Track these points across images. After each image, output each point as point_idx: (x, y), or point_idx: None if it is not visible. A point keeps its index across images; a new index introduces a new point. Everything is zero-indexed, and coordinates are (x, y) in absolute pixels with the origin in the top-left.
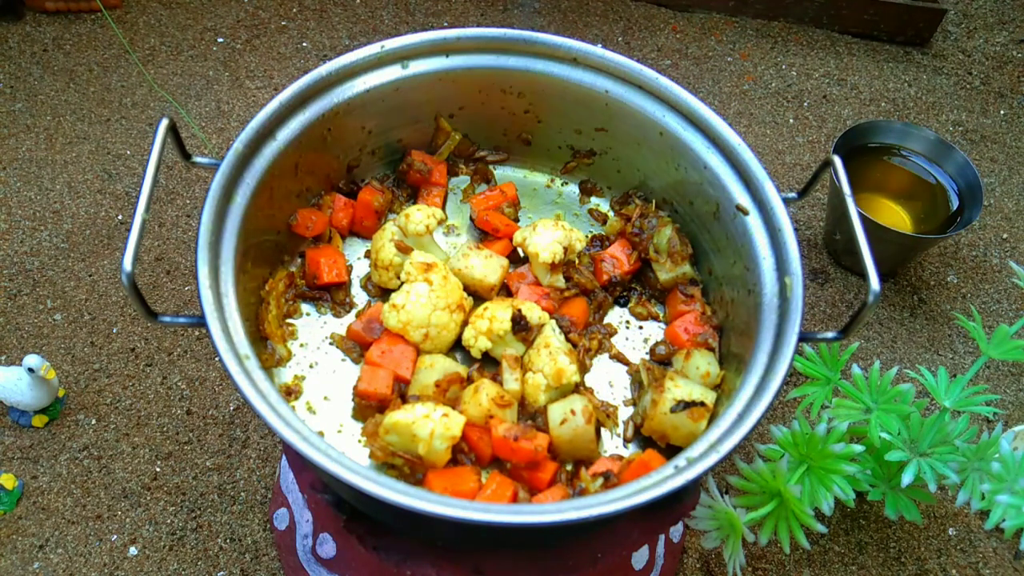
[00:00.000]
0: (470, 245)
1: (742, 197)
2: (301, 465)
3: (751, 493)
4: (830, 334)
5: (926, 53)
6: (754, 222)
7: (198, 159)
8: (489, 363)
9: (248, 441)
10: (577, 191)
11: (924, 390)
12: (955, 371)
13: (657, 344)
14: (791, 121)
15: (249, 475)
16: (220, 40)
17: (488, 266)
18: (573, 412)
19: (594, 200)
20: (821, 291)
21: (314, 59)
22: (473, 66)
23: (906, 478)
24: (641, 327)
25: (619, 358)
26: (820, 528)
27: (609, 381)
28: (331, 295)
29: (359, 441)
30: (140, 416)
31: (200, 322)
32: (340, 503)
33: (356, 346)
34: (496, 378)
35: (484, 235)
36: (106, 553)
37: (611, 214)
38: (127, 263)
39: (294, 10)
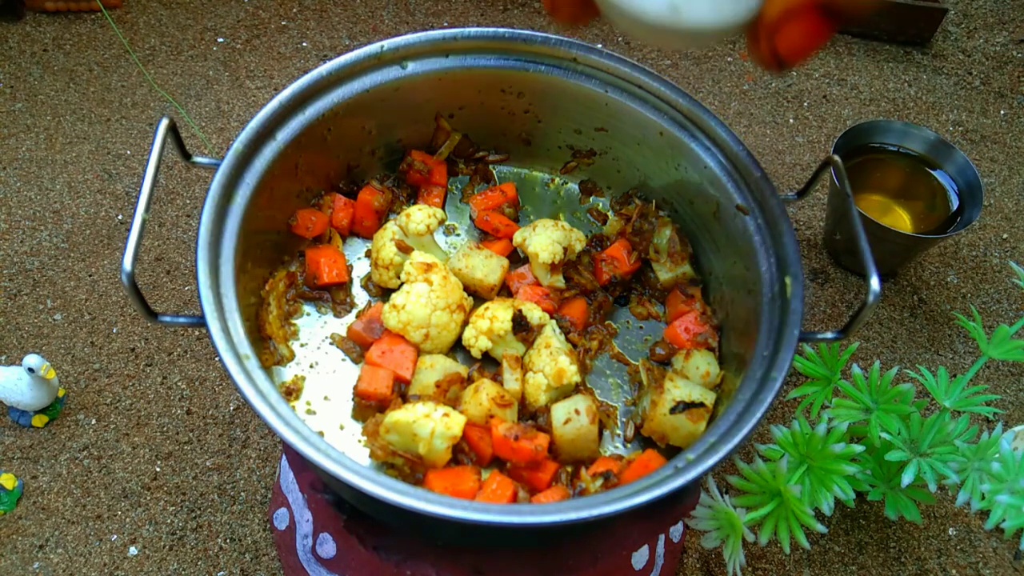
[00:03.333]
0: (470, 245)
1: (742, 197)
2: (301, 465)
3: (751, 493)
4: (830, 334)
5: (926, 53)
6: (754, 222)
7: (198, 159)
8: (489, 363)
9: (248, 441)
10: (577, 191)
11: (924, 390)
12: (955, 371)
13: (657, 344)
14: (791, 121)
15: (249, 475)
16: (220, 40)
17: (488, 266)
18: (577, 412)
19: (594, 200)
20: (821, 291)
21: (314, 59)
22: (473, 66)
23: (906, 478)
24: (641, 327)
25: (619, 358)
26: (820, 528)
27: (609, 381)
28: (331, 295)
29: (359, 441)
30: (140, 416)
31: (200, 322)
32: (340, 503)
33: (356, 346)
34: (496, 378)
35: (484, 235)
36: (106, 553)
37: (611, 214)
38: (127, 263)
39: (294, 10)
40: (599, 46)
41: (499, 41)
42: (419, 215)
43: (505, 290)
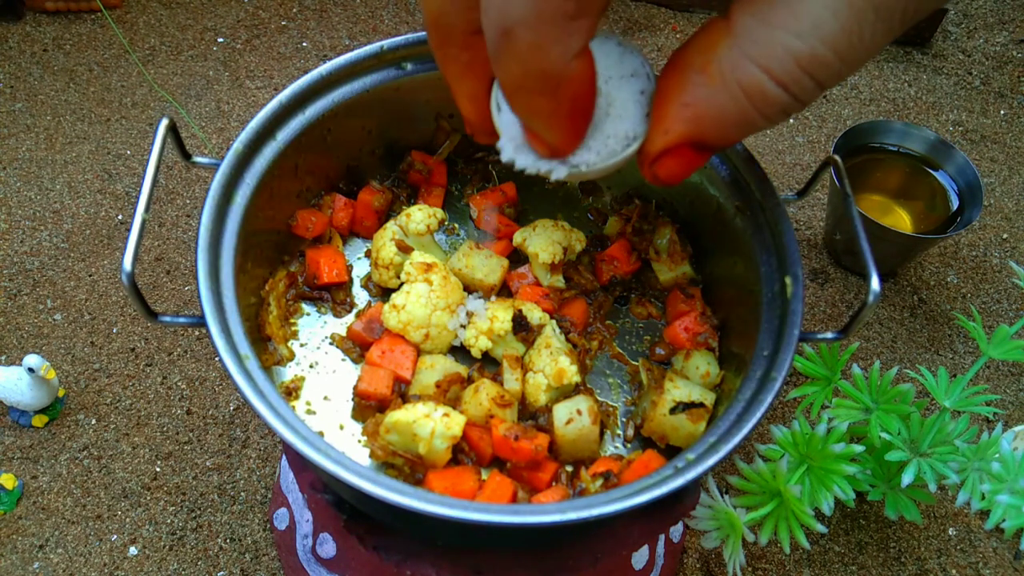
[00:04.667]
0: (470, 245)
1: (742, 197)
2: (301, 465)
3: (751, 493)
4: (830, 334)
5: (926, 53)
6: (754, 222)
7: (198, 159)
8: (489, 363)
9: (248, 441)
10: (577, 191)
11: (924, 390)
12: (955, 371)
13: (657, 344)
14: (791, 121)
15: (249, 475)
16: (220, 40)
17: (488, 266)
18: (579, 412)
19: (594, 200)
20: (821, 291)
21: (314, 59)
22: None
23: (906, 478)
24: (641, 327)
25: (619, 358)
26: (820, 528)
27: (609, 381)
28: (331, 295)
29: (359, 441)
30: (140, 416)
31: (200, 322)
32: (340, 503)
33: (356, 346)
34: (496, 378)
35: (484, 235)
36: (106, 553)
37: (611, 214)
38: (127, 263)
39: (294, 10)
40: None
41: None
42: (419, 215)
43: (505, 290)
